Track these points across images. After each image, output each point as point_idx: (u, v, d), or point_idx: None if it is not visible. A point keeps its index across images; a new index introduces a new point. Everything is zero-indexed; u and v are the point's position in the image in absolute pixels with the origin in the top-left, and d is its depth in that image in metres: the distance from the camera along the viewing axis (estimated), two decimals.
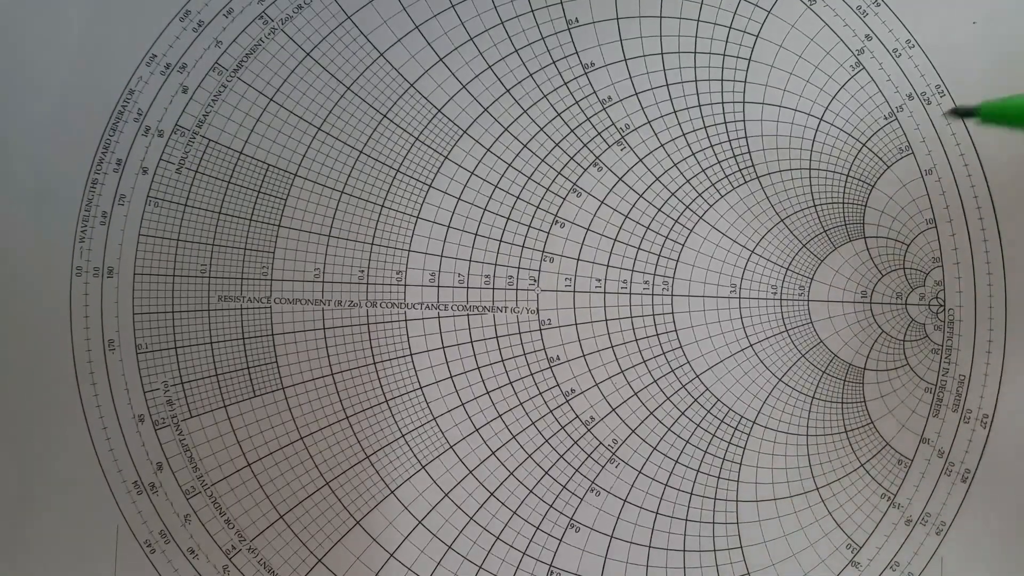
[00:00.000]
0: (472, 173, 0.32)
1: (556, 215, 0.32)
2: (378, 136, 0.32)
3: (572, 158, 0.32)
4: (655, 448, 0.31)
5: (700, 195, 0.32)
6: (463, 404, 0.31)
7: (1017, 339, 0.31)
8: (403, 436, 0.31)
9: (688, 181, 0.32)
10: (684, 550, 0.31)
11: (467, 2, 0.32)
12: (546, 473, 0.31)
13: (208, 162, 0.31)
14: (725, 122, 0.32)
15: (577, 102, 0.32)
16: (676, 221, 0.32)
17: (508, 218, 0.32)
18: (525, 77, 0.32)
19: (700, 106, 0.32)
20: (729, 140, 0.32)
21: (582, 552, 0.31)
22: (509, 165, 0.32)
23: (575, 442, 0.31)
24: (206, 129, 0.31)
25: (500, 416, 0.31)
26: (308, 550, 0.31)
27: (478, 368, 0.32)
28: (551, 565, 0.31)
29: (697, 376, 0.32)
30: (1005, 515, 0.31)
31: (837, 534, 0.31)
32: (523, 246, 0.32)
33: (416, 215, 0.32)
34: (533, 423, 0.31)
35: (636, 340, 0.32)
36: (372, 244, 0.32)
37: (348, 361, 0.31)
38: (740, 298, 0.32)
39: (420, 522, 0.31)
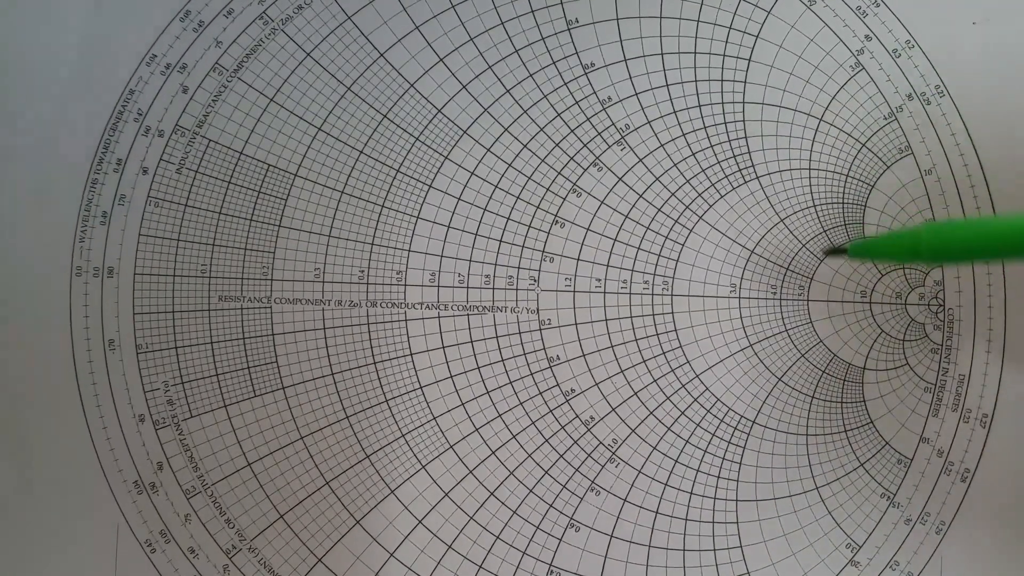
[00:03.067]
0: (472, 173, 0.32)
1: (556, 215, 0.32)
2: (378, 136, 0.32)
3: (572, 158, 0.32)
4: (655, 448, 0.31)
5: (700, 195, 0.32)
6: (463, 404, 0.31)
7: (1017, 339, 0.31)
8: (403, 436, 0.31)
9: (688, 181, 0.32)
10: (684, 549, 0.31)
11: (467, 2, 0.32)
12: (546, 473, 0.31)
13: (208, 162, 0.31)
14: (725, 122, 0.32)
15: (577, 102, 0.32)
16: (676, 221, 0.32)
17: (508, 218, 0.32)
18: (525, 77, 0.32)
19: (700, 106, 0.32)
20: (729, 140, 0.32)
21: (582, 552, 0.31)
22: (509, 165, 0.32)
23: (575, 442, 0.31)
24: (206, 129, 0.31)
25: (500, 416, 0.31)
26: (308, 550, 0.31)
27: (478, 368, 0.32)
28: (551, 565, 0.31)
29: (697, 376, 0.32)
30: (1005, 515, 0.31)
31: (837, 533, 0.31)
32: (523, 246, 0.32)
33: (416, 215, 0.32)
34: (533, 423, 0.31)
35: (636, 340, 0.32)
36: (372, 244, 0.32)
37: (348, 361, 0.31)
38: (740, 298, 0.32)
39: (420, 522, 0.31)
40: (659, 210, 0.32)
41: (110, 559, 0.31)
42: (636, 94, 0.32)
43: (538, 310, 0.32)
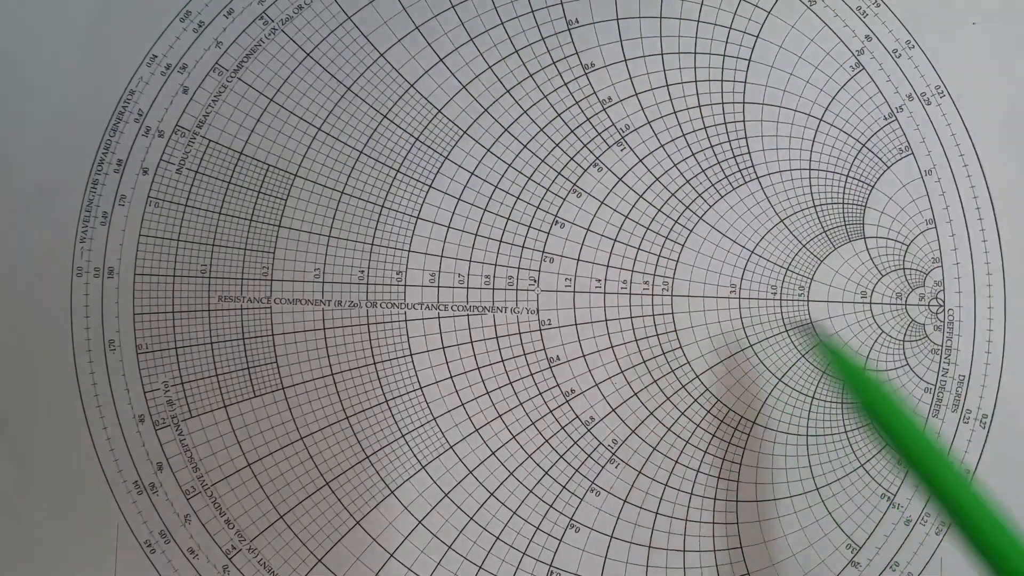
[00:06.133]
0: (472, 173, 0.32)
1: (556, 215, 0.32)
2: (378, 136, 0.32)
3: (572, 159, 0.32)
4: (655, 448, 0.31)
5: (700, 195, 0.32)
6: (463, 404, 0.31)
7: (1017, 339, 0.31)
8: (403, 436, 0.31)
9: (688, 182, 0.32)
10: (684, 550, 0.31)
11: (467, 2, 0.32)
12: (546, 473, 0.31)
13: (208, 162, 0.31)
14: (725, 122, 0.32)
15: (577, 103, 0.32)
16: (676, 221, 0.32)
17: (508, 218, 0.32)
18: (525, 77, 0.32)
19: (700, 106, 0.32)
20: (729, 140, 0.32)
21: (582, 552, 0.31)
22: (509, 165, 0.32)
23: (575, 442, 0.31)
24: (206, 130, 0.32)
25: (500, 416, 0.31)
26: (308, 550, 0.31)
27: (478, 368, 0.32)
28: (551, 565, 0.31)
29: (697, 376, 0.32)
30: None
31: (837, 534, 0.31)
32: (523, 246, 0.32)
33: (416, 215, 0.32)
34: (533, 423, 0.31)
35: (636, 340, 0.32)
36: (372, 244, 0.32)
37: (348, 361, 0.31)
38: (740, 298, 0.32)
39: (420, 522, 0.31)
40: (659, 210, 0.32)
41: (110, 559, 0.31)
42: (636, 94, 0.32)
43: (538, 310, 0.32)
